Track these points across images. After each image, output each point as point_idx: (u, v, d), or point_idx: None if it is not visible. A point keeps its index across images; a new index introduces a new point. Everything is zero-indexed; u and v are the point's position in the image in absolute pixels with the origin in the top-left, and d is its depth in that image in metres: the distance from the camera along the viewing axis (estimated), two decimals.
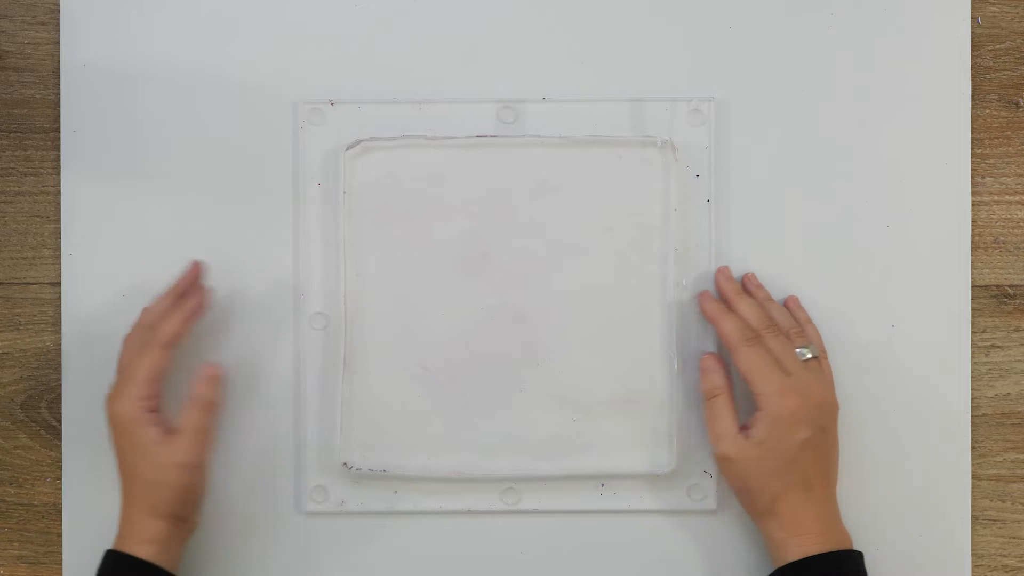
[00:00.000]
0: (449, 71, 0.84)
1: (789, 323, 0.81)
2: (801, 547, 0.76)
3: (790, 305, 0.83)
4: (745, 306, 0.81)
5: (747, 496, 0.79)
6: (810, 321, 0.82)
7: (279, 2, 0.85)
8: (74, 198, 0.85)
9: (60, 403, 0.85)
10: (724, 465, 0.79)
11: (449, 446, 0.83)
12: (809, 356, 0.80)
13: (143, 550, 0.77)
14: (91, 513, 0.84)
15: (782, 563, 0.77)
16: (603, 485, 0.84)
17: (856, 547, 0.81)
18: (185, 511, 0.79)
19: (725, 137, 0.84)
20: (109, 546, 0.81)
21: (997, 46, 0.85)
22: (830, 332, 0.83)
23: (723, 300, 0.82)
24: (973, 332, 0.85)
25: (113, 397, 0.78)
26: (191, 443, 0.78)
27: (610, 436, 0.83)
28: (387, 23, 0.84)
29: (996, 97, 0.85)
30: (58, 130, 0.85)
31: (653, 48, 0.84)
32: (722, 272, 0.82)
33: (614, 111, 0.84)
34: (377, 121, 0.84)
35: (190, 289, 0.82)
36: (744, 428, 0.78)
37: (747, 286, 0.83)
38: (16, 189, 0.85)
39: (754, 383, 0.78)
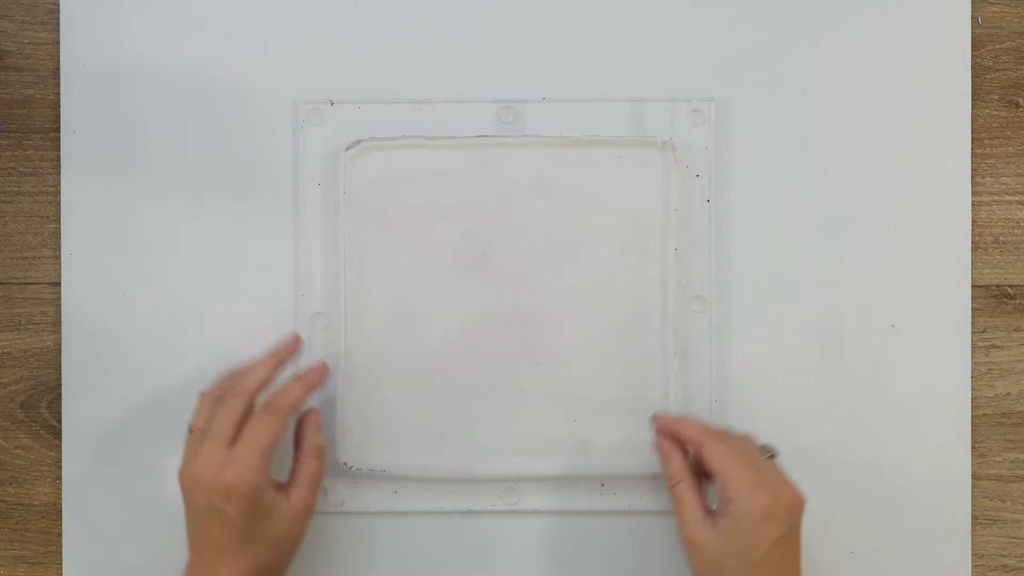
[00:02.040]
0: (449, 71, 0.84)
1: (741, 432, 0.80)
2: None
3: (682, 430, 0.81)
4: (691, 421, 0.80)
5: None
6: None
7: (279, 2, 0.85)
8: (74, 198, 0.85)
9: (60, 403, 0.85)
10: (691, 550, 0.76)
11: (449, 446, 0.83)
12: (772, 455, 0.78)
13: None
14: (91, 513, 0.84)
15: None
16: (603, 485, 0.84)
17: (856, 548, 0.81)
18: (289, 561, 0.78)
19: (725, 137, 0.84)
20: (109, 545, 0.82)
21: (997, 46, 0.85)
22: (830, 332, 0.83)
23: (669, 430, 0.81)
24: (973, 332, 0.85)
25: (224, 466, 0.75)
26: (309, 492, 0.78)
27: (610, 436, 0.83)
28: (387, 23, 0.84)
29: (996, 97, 0.85)
30: (58, 130, 0.85)
31: (653, 48, 0.84)
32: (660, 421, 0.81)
33: (614, 111, 0.84)
34: (377, 121, 0.84)
35: (288, 356, 0.82)
36: (712, 515, 0.76)
37: (681, 434, 0.80)
38: (16, 189, 0.86)
39: (725, 477, 0.76)
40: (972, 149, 0.85)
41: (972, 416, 0.85)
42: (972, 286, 0.84)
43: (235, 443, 0.76)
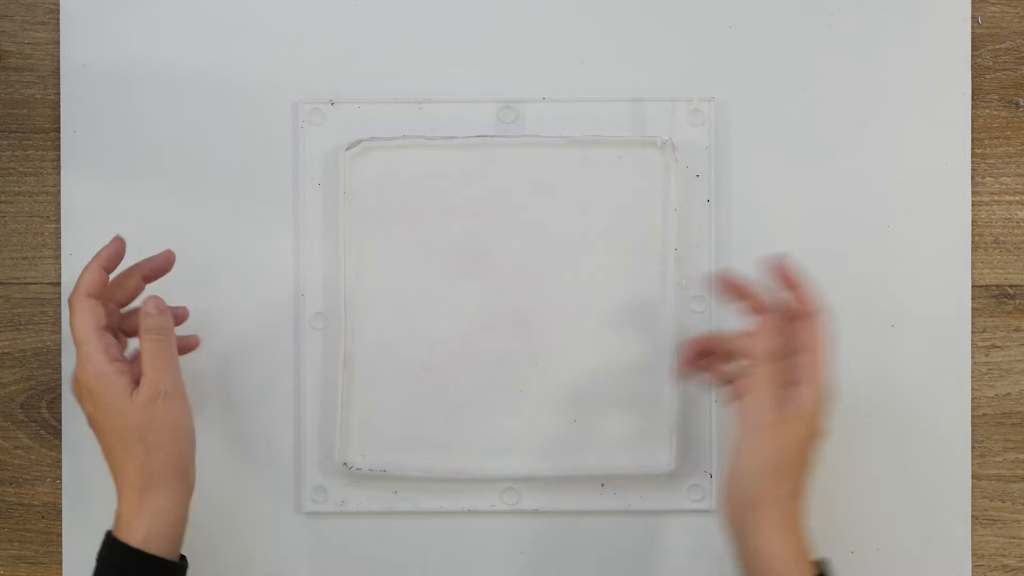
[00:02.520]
0: (449, 71, 0.84)
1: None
2: (801, 567, 0.71)
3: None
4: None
5: (773, 478, 0.72)
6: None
7: (279, 2, 0.85)
8: (74, 198, 0.85)
9: (60, 403, 0.85)
10: (766, 435, 0.72)
11: (449, 446, 0.83)
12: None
13: (140, 530, 0.72)
14: (91, 513, 0.84)
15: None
16: (603, 485, 0.84)
17: (856, 548, 0.81)
18: (180, 454, 0.74)
19: (725, 137, 0.84)
20: None
21: (997, 46, 0.85)
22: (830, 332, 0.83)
23: (756, 297, 0.76)
24: (973, 332, 0.85)
25: (74, 371, 0.74)
26: (158, 373, 0.73)
27: (610, 436, 0.83)
28: (387, 23, 0.84)
29: (996, 97, 0.85)
30: (58, 130, 0.85)
31: (653, 48, 0.84)
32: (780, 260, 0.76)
33: (614, 111, 0.84)
34: (377, 121, 0.84)
35: (112, 255, 0.77)
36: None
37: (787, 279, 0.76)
38: (16, 189, 0.85)
39: (817, 354, 0.73)
40: (972, 149, 0.85)
41: (972, 416, 0.85)
42: (972, 286, 0.84)
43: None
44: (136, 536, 0.72)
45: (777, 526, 0.71)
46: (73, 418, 0.84)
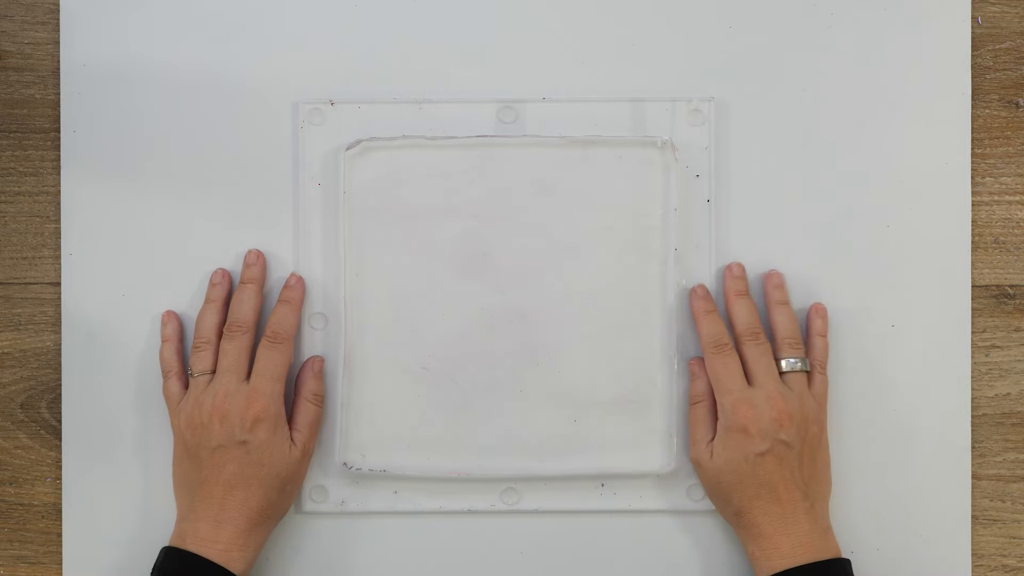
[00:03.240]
0: (449, 71, 0.84)
1: (787, 332, 0.81)
2: (769, 561, 0.77)
3: (811, 314, 0.83)
4: (737, 308, 0.81)
5: (717, 505, 0.81)
6: (822, 334, 0.82)
7: (279, 2, 0.85)
8: (74, 198, 0.85)
9: (60, 403, 0.85)
10: (697, 472, 0.81)
11: (449, 446, 0.83)
12: (797, 368, 0.80)
13: (243, 559, 0.77)
14: (91, 513, 0.84)
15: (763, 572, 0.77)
16: (603, 485, 0.84)
17: (856, 548, 0.81)
18: (288, 506, 0.81)
19: (725, 137, 0.84)
20: (109, 545, 0.82)
21: (997, 46, 0.85)
22: (830, 332, 0.83)
23: (724, 297, 0.82)
24: (973, 332, 0.85)
25: (250, 396, 0.78)
26: (309, 435, 0.81)
27: (610, 436, 0.83)
28: (387, 23, 0.84)
29: (996, 97, 0.85)
30: (58, 130, 0.85)
31: (653, 48, 0.84)
32: (730, 269, 0.82)
33: (614, 111, 0.84)
34: (377, 121, 0.84)
35: (262, 276, 0.83)
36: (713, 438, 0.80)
37: (766, 284, 0.83)
38: (16, 189, 0.86)
39: (716, 393, 0.80)
40: (972, 149, 0.85)
41: (972, 416, 0.85)
42: (972, 286, 0.84)
43: (250, 376, 0.80)
44: (238, 566, 0.77)
45: (740, 534, 0.80)
46: (73, 418, 0.84)
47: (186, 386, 0.82)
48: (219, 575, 0.76)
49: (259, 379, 0.79)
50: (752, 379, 0.79)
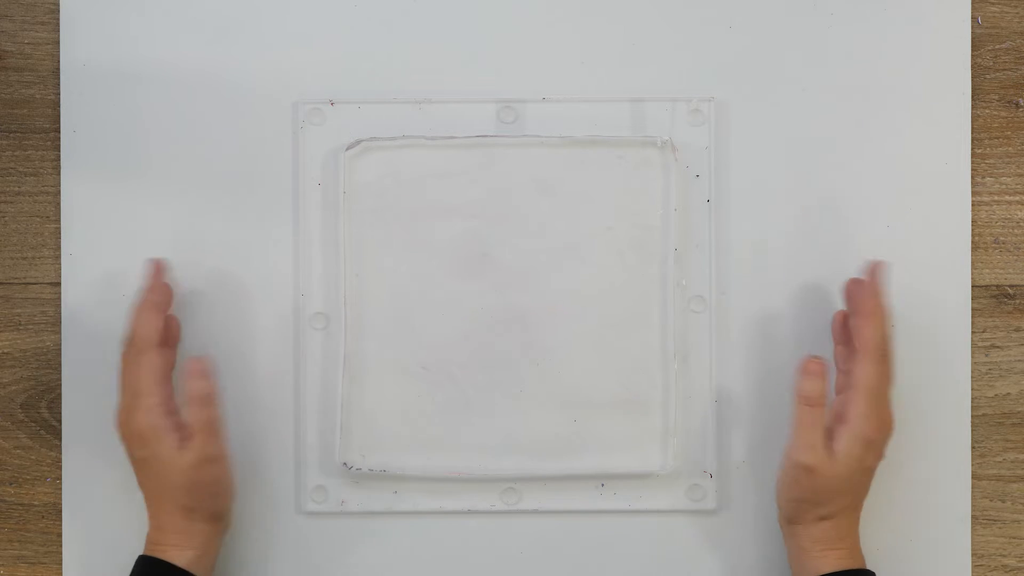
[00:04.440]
0: (449, 71, 0.84)
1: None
2: (836, 561, 0.77)
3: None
4: (882, 317, 0.78)
5: (806, 507, 0.78)
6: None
7: (279, 2, 0.85)
8: (74, 198, 0.85)
9: (60, 403, 0.85)
10: (802, 474, 0.77)
11: (449, 446, 0.83)
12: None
13: (182, 556, 0.77)
14: (91, 513, 0.84)
15: (811, 573, 0.77)
16: (603, 485, 0.84)
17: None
18: (219, 507, 0.79)
19: (725, 137, 0.84)
20: (109, 545, 0.82)
21: (997, 46, 0.85)
22: (830, 332, 0.83)
23: (858, 302, 0.79)
24: (973, 332, 0.85)
25: (126, 414, 0.78)
26: (205, 439, 0.77)
27: (610, 436, 0.83)
28: (387, 23, 0.84)
29: (996, 97, 0.85)
30: (58, 130, 0.85)
31: (653, 48, 0.84)
32: (871, 270, 0.79)
33: (614, 111, 0.84)
34: (377, 121, 0.84)
35: (155, 287, 0.81)
36: (827, 440, 0.77)
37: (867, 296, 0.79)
38: (16, 189, 0.85)
39: (859, 395, 0.76)
40: (972, 149, 0.85)
41: (972, 416, 0.85)
42: (972, 286, 0.84)
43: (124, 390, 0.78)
44: (181, 560, 0.77)
45: (810, 539, 0.78)
46: (73, 418, 0.84)
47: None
48: (166, 568, 0.77)
49: (124, 395, 0.78)
50: (875, 392, 0.77)
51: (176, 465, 0.77)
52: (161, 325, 0.79)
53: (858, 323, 0.78)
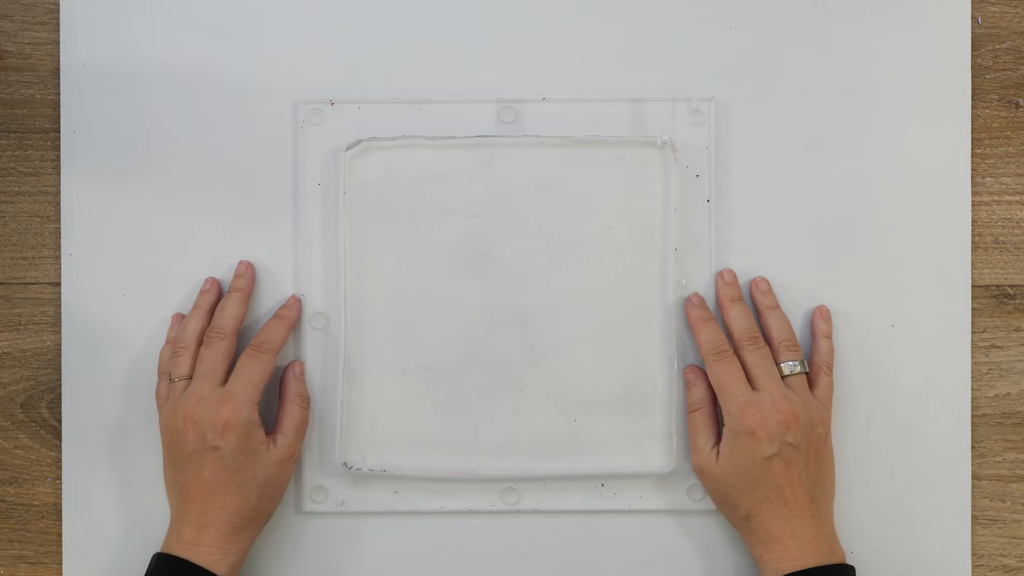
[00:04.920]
0: (449, 71, 0.84)
1: (783, 335, 0.81)
2: (778, 563, 0.77)
3: (815, 316, 0.83)
4: (734, 314, 0.81)
5: (724, 510, 0.81)
6: (827, 335, 0.82)
7: (279, 2, 0.85)
8: (74, 198, 0.85)
9: (60, 403, 0.85)
10: (701, 479, 0.81)
11: (449, 446, 0.83)
12: (796, 371, 0.80)
13: (224, 562, 0.77)
14: (91, 513, 0.84)
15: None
16: (603, 485, 0.84)
17: (856, 548, 0.81)
18: (272, 510, 0.80)
19: (725, 137, 0.84)
20: (109, 545, 0.82)
21: (997, 46, 0.85)
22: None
23: (718, 304, 0.82)
24: (973, 332, 0.85)
25: (213, 404, 0.78)
26: (294, 438, 0.80)
27: (610, 436, 0.83)
28: (387, 23, 0.84)
29: (996, 97, 0.85)
30: (58, 130, 0.85)
31: (653, 48, 0.84)
32: (722, 276, 0.82)
33: (614, 111, 0.84)
34: (377, 121, 0.84)
35: (249, 287, 0.83)
36: (717, 443, 0.80)
37: (753, 291, 0.83)
38: (16, 189, 0.86)
39: (721, 399, 0.80)
40: (972, 149, 0.85)
41: (972, 416, 0.85)
42: (972, 286, 0.84)
43: (227, 382, 0.79)
44: (222, 568, 0.77)
45: (747, 538, 0.80)
46: (73, 418, 0.84)
47: None
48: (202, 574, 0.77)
49: (234, 384, 0.79)
50: (755, 383, 0.79)
51: (265, 458, 0.78)
52: (286, 339, 0.82)
53: (692, 328, 0.82)
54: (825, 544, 0.77)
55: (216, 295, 0.83)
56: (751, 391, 0.79)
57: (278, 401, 0.82)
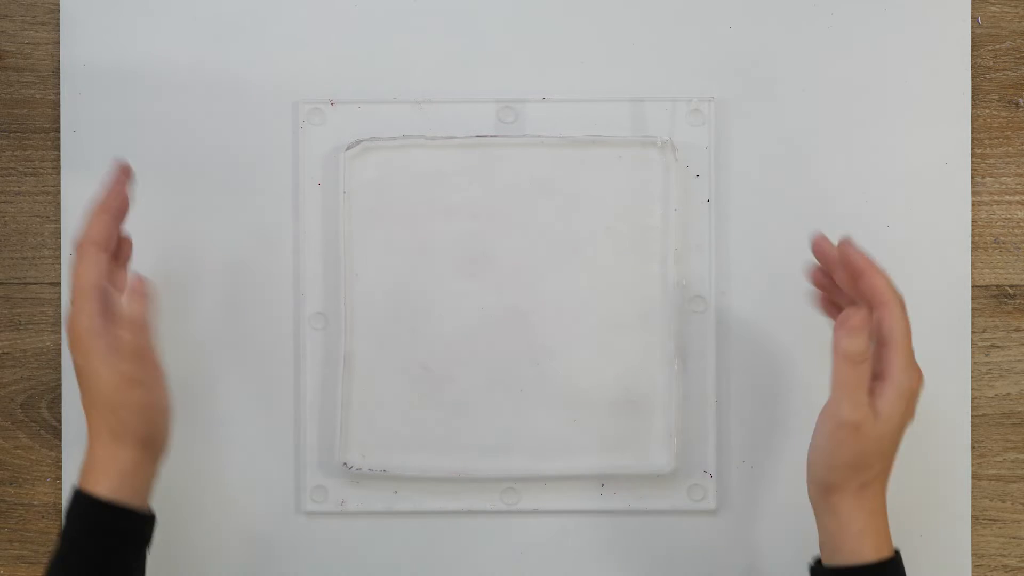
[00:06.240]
0: (449, 71, 0.84)
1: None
2: (874, 549, 0.73)
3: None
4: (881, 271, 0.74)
5: (849, 473, 0.73)
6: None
7: (279, 2, 0.85)
8: (74, 198, 0.85)
9: (60, 403, 0.85)
10: (848, 435, 0.71)
11: (449, 446, 0.84)
12: None
13: (106, 483, 0.73)
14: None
15: (850, 557, 0.73)
16: (603, 485, 0.84)
17: None
18: (148, 432, 0.74)
19: (725, 137, 0.84)
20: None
21: (997, 46, 0.85)
22: (830, 332, 0.83)
23: (850, 261, 0.74)
24: (973, 332, 0.85)
25: (71, 318, 0.73)
26: (132, 362, 0.73)
27: (610, 436, 0.83)
28: (387, 23, 0.85)
29: (996, 97, 0.85)
30: (58, 130, 0.85)
31: (653, 48, 0.84)
32: (845, 243, 0.74)
33: (614, 111, 0.84)
34: (377, 121, 0.84)
35: (115, 193, 0.77)
36: (870, 397, 0.72)
37: (847, 253, 0.74)
38: (16, 189, 0.86)
39: (897, 348, 0.71)
40: (972, 149, 0.85)
41: (972, 416, 0.85)
42: (972, 286, 0.84)
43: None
44: (102, 488, 0.73)
45: (851, 510, 0.73)
46: (73, 418, 0.84)
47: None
48: (86, 499, 0.73)
49: (73, 299, 0.74)
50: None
51: (103, 379, 0.73)
52: (113, 232, 0.76)
53: (866, 280, 0.73)
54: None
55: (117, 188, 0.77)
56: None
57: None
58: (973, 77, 0.85)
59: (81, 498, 0.73)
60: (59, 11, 0.85)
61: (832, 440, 0.72)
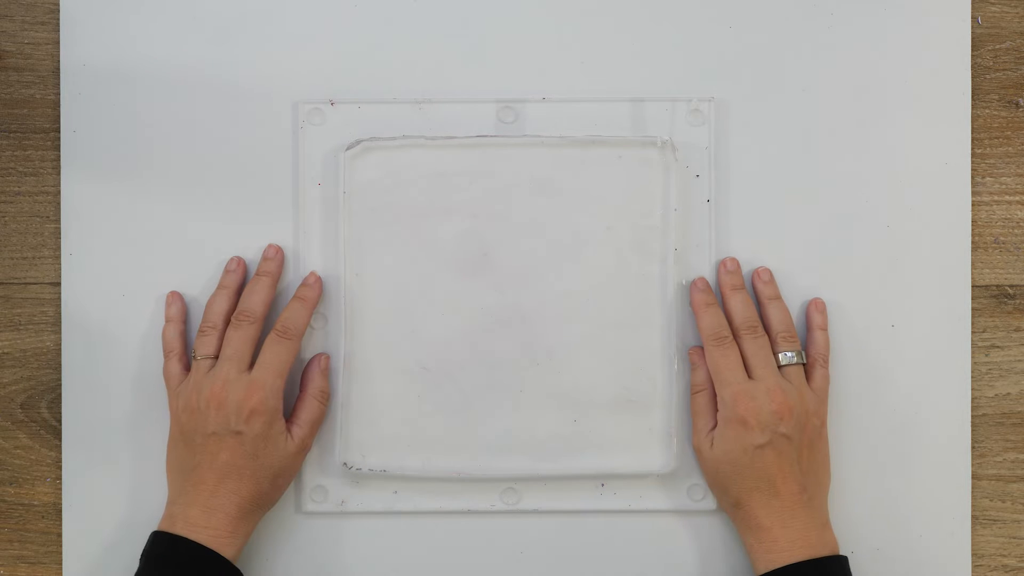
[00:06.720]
0: (449, 71, 0.84)
1: (782, 326, 0.81)
2: (767, 555, 0.77)
3: (810, 309, 0.83)
4: (735, 302, 0.81)
5: (715, 495, 0.82)
6: (823, 328, 0.82)
7: (279, 2, 0.85)
8: (74, 198, 0.85)
9: (60, 403, 0.85)
10: (698, 459, 0.82)
11: (449, 446, 0.84)
12: (793, 361, 0.80)
13: (232, 546, 0.77)
14: (91, 513, 0.84)
15: (757, 570, 0.78)
16: (603, 485, 0.84)
17: (856, 547, 0.81)
18: (279, 496, 0.81)
19: (725, 137, 0.84)
20: (110, 545, 0.82)
21: (997, 46, 0.85)
22: (830, 332, 0.83)
23: (720, 291, 0.83)
24: (973, 332, 0.85)
25: (240, 389, 0.78)
26: (309, 432, 0.81)
27: (610, 436, 0.83)
28: (387, 23, 0.85)
29: (996, 97, 0.85)
30: (58, 130, 0.85)
31: (653, 48, 0.84)
32: (725, 264, 0.83)
33: (614, 111, 0.84)
34: (377, 121, 0.84)
35: (278, 272, 0.83)
36: (714, 427, 0.81)
37: (755, 281, 0.83)
38: (16, 189, 0.86)
39: (716, 385, 0.80)
40: (972, 149, 0.85)
41: (972, 416, 0.85)
42: (972, 286, 0.84)
43: (253, 367, 0.79)
44: (229, 551, 0.77)
45: (744, 531, 0.80)
46: (73, 418, 0.84)
47: (187, 368, 0.82)
48: (209, 559, 0.76)
49: (261, 371, 0.79)
50: (751, 372, 0.80)
51: (281, 450, 0.79)
52: (307, 322, 0.83)
53: (695, 312, 0.82)
54: (816, 536, 0.77)
55: (242, 276, 0.83)
56: (746, 379, 0.79)
57: (298, 390, 0.83)
58: (973, 77, 0.85)
59: (208, 556, 0.76)
60: (59, 11, 0.85)
61: (702, 465, 0.82)
